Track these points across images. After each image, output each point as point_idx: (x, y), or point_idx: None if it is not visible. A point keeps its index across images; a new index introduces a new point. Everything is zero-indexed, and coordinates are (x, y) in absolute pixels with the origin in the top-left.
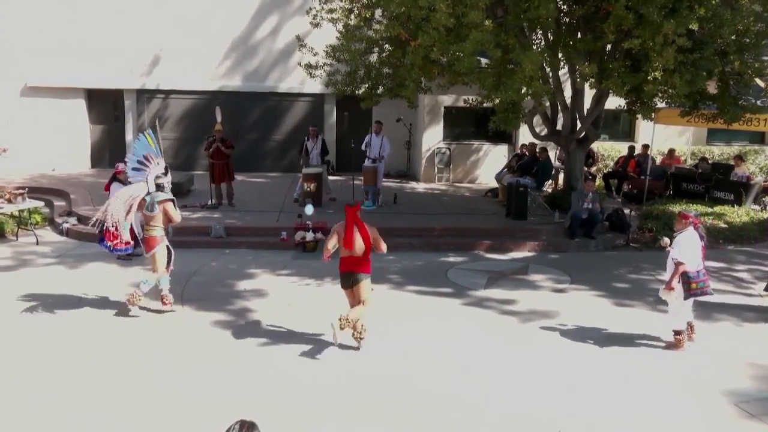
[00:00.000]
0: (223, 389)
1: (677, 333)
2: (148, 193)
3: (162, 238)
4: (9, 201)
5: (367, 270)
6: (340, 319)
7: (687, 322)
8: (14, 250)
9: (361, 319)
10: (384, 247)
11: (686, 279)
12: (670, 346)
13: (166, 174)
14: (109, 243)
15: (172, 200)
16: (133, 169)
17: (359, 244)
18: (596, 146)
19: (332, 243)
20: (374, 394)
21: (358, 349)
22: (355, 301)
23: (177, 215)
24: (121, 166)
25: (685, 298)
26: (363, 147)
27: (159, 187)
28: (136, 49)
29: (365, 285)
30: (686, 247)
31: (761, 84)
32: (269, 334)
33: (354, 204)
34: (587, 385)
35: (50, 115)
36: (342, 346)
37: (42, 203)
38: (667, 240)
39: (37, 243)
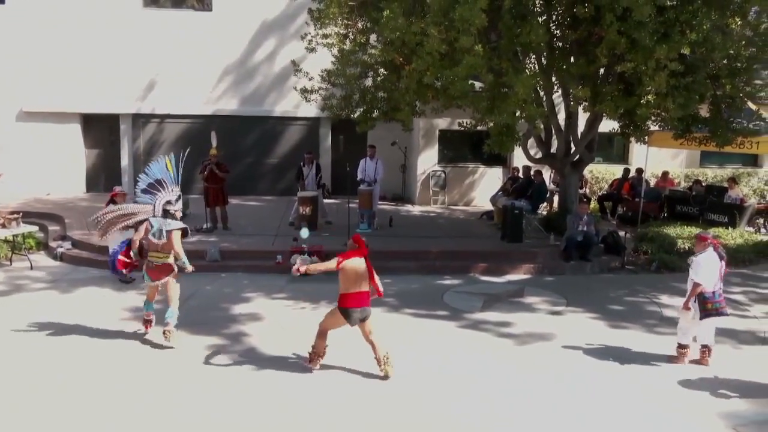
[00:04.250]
0: (217, 414)
1: (681, 347)
2: (154, 217)
3: (174, 266)
4: (3, 226)
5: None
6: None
7: (702, 344)
8: (8, 275)
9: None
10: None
11: (702, 299)
12: (672, 359)
13: (177, 201)
14: (123, 270)
15: (183, 229)
16: (143, 190)
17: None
18: (591, 169)
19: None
20: (370, 417)
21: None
22: (368, 332)
23: (179, 246)
24: (118, 188)
25: (701, 318)
26: (358, 176)
27: (167, 213)
28: (131, 74)
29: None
30: (704, 268)
31: (753, 107)
32: (264, 358)
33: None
34: (583, 407)
35: (46, 140)
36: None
37: (36, 228)
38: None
39: (32, 268)
